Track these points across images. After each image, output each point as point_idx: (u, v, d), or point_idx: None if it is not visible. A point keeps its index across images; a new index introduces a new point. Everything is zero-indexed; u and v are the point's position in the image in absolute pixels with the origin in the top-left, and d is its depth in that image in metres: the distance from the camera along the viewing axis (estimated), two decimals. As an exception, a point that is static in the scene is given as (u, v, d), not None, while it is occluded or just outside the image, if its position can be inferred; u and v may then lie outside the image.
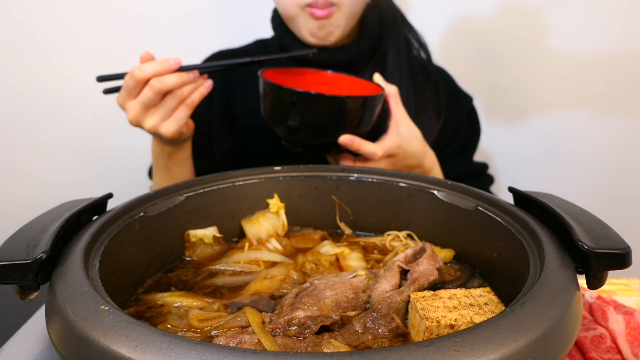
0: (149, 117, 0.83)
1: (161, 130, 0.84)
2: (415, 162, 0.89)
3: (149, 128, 0.84)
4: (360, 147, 0.83)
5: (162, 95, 0.82)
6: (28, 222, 0.49)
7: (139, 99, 0.82)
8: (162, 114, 0.83)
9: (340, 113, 0.80)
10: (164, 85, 0.80)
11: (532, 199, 0.54)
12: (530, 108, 1.41)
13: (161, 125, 0.84)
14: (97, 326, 0.34)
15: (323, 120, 0.81)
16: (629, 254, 0.42)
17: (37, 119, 1.45)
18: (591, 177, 1.43)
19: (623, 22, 1.29)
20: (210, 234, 0.65)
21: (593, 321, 0.60)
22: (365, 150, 0.83)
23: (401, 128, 0.87)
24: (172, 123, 0.84)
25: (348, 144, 0.82)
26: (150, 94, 0.81)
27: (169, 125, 0.84)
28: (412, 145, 0.88)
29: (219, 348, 0.31)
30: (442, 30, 1.37)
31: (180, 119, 0.84)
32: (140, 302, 0.55)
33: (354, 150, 0.84)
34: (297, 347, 0.42)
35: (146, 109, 0.82)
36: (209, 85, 0.86)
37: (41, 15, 1.36)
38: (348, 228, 0.72)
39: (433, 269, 0.53)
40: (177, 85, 0.82)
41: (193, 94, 0.84)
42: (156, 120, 0.83)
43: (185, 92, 0.83)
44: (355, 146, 0.83)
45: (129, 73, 0.81)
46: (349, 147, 0.83)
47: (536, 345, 0.33)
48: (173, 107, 0.83)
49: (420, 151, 0.90)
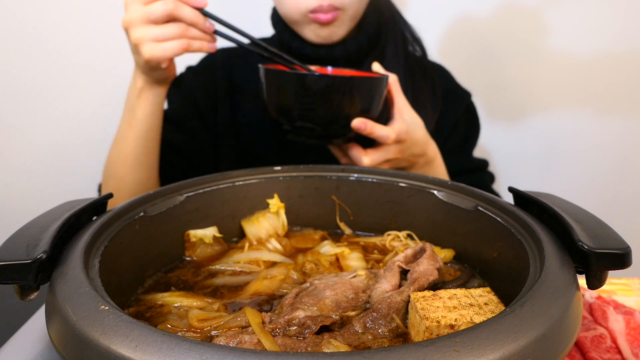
0: (141, 28, 0.78)
1: (143, 47, 0.78)
2: (420, 150, 0.89)
3: (134, 38, 0.78)
4: (373, 129, 0.81)
5: (169, 20, 0.78)
6: (28, 222, 0.49)
7: (147, 8, 0.77)
8: (156, 34, 0.78)
9: (350, 95, 0.78)
10: (178, 12, 0.77)
11: (532, 199, 0.54)
12: (530, 108, 1.41)
13: (146, 43, 0.78)
14: (97, 326, 0.34)
15: (333, 104, 0.79)
16: (629, 254, 0.42)
17: (37, 118, 1.45)
18: (591, 177, 1.43)
19: (623, 22, 1.29)
20: (210, 234, 0.65)
21: (593, 321, 0.60)
22: (378, 133, 0.81)
23: (405, 115, 0.86)
24: (158, 48, 0.79)
25: (361, 127, 0.80)
26: (160, 8, 0.76)
27: (153, 48, 0.79)
28: (416, 132, 0.87)
29: (219, 348, 0.31)
30: (442, 30, 1.37)
31: (168, 50, 0.79)
32: (140, 302, 0.55)
33: (367, 134, 0.81)
34: (297, 347, 0.42)
35: (146, 20, 0.78)
36: (213, 47, 0.83)
37: (41, 15, 1.36)
38: (348, 228, 0.72)
39: (433, 269, 0.53)
40: (189, 20, 0.78)
41: (196, 40, 0.80)
42: (146, 35, 0.78)
43: (191, 32, 0.79)
44: (369, 129, 0.80)
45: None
46: (362, 131, 0.81)
47: (536, 345, 0.33)
48: (170, 35, 0.78)
49: (424, 139, 0.89)
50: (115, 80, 1.42)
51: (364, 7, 0.98)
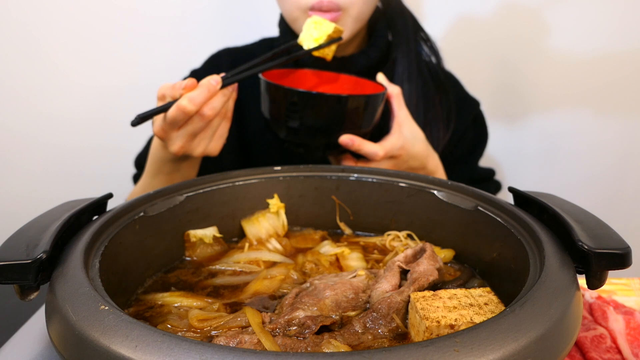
0: (197, 143, 0.79)
1: (210, 151, 0.80)
2: (419, 164, 0.88)
3: (198, 154, 0.80)
4: (360, 147, 0.82)
5: None
6: (28, 222, 0.49)
7: (187, 130, 0.77)
8: (210, 136, 0.79)
9: (341, 112, 0.80)
10: (215, 112, 0.76)
11: (532, 199, 0.54)
12: (531, 107, 1.41)
13: (209, 148, 0.80)
14: (97, 326, 0.34)
15: (324, 120, 0.80)
16: (629, 254, 0.42)
17: (37, 119, 1.45)
18: (591, 177, 1.43)
19: (623, 22, 1.29)
20: (210, 234, 0.65)
21: (593, 321, 0.60)
22: (366, 150, 0.82)
23: (404, 129, 0.86)
24: (219, 141, 0.81)
25: (348, 144, 0.81)
26: (202, 123, 0.76)
27: (216, 145, 0.81)
28: (415, 146, 0.87)
29: (219, 348, 0.31)
30: (443, 30, 1.37)
31: (225, 134, 0.82)
32: (140, 302, 0.55)
33: (355, 151, 0.83)
34: (297, 347, 0.42)
35: (194, 136, 0.78)
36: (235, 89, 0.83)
37: (41, 15, 1.36)
38: (348, 228, 0.72)
39: (433, 269, 0.53)
40: (223, 105, 0.78)
41: (229, 104, 0.81)
42: (205, 144, 0.79)
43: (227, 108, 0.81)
44: (356, 146, 0.81)
45: (176, 107, 0.74)
46: (350, 148, 0.82)
47: (536, 345, 0.33)
48: (218, 126, 0.80)
49: (424, 153, 0.89)
50: (115, 82, 1.42)
51: (369, 10, 0.95)
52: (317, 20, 0.86)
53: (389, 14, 1.04)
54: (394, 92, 0.87)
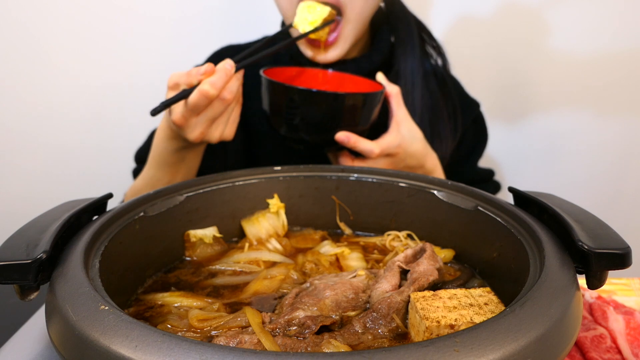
0: (214, 128, 0.79)
1: (226, 136, 0.81)
2: (417, 162, 0.89)
3: (215, 139, 0.80)
4: (356, 144, 0.82)
5: None
6: (28, 222, 0.49)
7: (207, 115, 0.77)
8: (226, 121, 0.80)
9: (338, 110, 0.81)
10: (233, 95, 0.76)
11: (532, 199, 0.54)
12: (531, 108, 1.41)
13: (225, 132, 0.80)
14: (97, 326, 0.34)
15: (322, 117, 0.81)
16: (629, 254, 0.42)
17: (37, 119, 1.45)
18: (591, 176, 1.43)
19: (623, 22, 1.29)
20: (210, 234, 0.65)
21: (593, 321, 0.60)
22: (362, 147, 0.82)
23: (402, 128, 0.86)
24: (233, 125, 0.81)
25: (344, 141, 0.82)
26: (222, 107, 0.76)
27: (231, 129, 0.81)
28: (412, 145, 0.87)
29: (219, 348, 0.31)
30: (443, 30, 1.37)
31: (237, 119, 0.82)
32: (140, 302, 0.55)
33: (351, 148, 0.83)
34: (297, 347, 0.42)
35: (212, 121, 0.78)
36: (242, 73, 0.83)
37: (41, 15, 1.36)
38: (348, 228, 0.72)
39: (433, 269, 0.53)
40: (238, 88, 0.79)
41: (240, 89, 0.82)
42: (222, 129, 0.80)
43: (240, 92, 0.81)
44: (352, 143, 0.82)
45: (198, 92, 0.74)
46: (346, 144, 0.82)
47: (536, 345, 0.33)
48: (232, 110, 0.80)
49: (422, 152, 0.89)
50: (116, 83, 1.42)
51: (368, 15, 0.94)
52: (310, 5, 0.88)
53: (391, 18, 1.04)
54: (393, 92, 0.87)
